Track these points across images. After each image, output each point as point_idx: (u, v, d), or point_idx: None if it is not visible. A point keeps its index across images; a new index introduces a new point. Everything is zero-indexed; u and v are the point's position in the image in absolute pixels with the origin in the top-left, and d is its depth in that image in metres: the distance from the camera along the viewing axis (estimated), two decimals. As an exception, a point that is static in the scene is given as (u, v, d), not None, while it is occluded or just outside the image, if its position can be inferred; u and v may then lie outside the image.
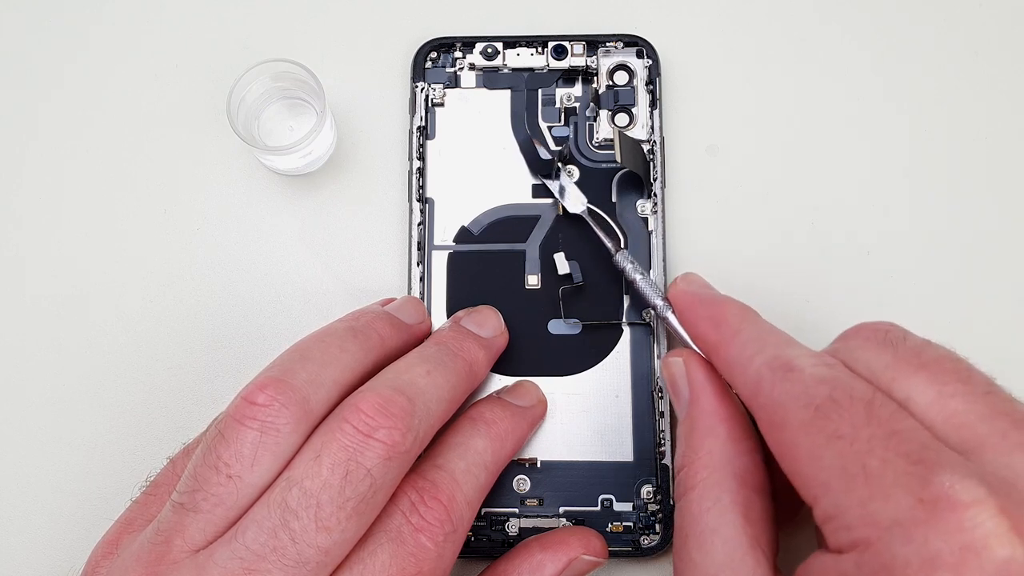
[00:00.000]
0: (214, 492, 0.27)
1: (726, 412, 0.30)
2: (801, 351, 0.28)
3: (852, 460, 0.24)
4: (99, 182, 0.39)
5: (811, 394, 0.26)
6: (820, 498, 0.25)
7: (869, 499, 0.23)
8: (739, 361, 0.29)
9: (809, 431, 0.25)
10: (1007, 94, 0.39)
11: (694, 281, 0.33)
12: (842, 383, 0.26)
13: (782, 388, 0.27)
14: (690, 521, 0.28)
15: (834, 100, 0.39)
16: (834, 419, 0.25)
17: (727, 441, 0.29)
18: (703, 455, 0.29)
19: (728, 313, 0.31)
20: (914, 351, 0.27)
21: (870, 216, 0.38)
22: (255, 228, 0.38)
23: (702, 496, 0.28)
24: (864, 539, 0.23)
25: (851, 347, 0.28)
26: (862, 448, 0.24)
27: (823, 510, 0.25)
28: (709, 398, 0.30)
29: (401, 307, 0.34)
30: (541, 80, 0.38)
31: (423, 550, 0.28)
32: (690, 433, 0.30)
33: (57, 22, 0.40)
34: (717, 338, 0.30)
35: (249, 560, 0.25)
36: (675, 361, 0.32)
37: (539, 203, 0.37)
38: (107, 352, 0.37)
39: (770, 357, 0.28)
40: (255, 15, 0.40)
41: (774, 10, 0.40)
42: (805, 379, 0.26)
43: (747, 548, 0.27)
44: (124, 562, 0.27)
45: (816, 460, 0.25)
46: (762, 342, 0.29)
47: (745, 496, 0.28)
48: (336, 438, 0.27)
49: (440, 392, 0.30)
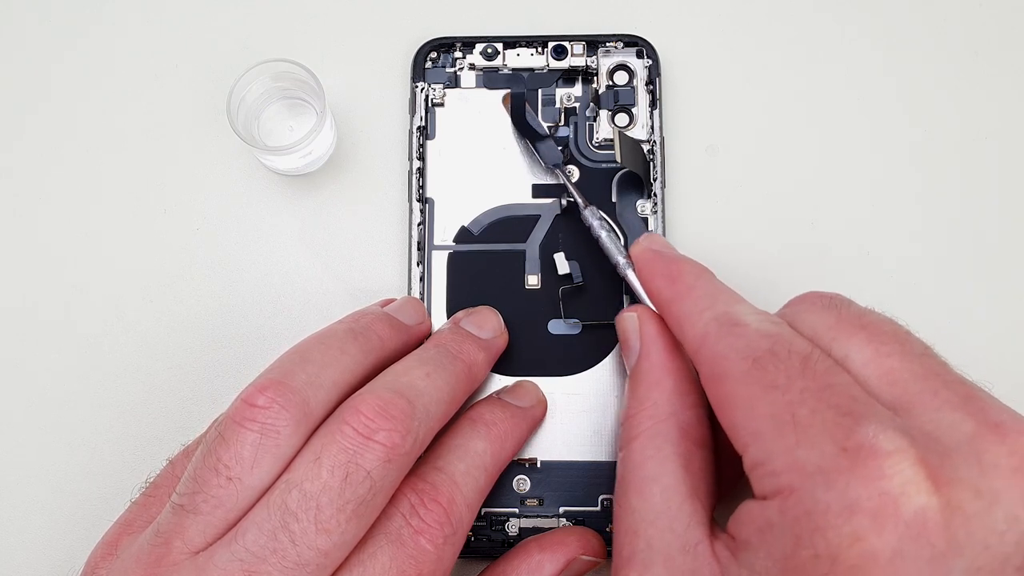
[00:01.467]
0: (214, 494, 0.27)
1: (673, 365, 0.30)
2: (749, 308, 0.29)
3: (783, 409, 0.25)
4: (99, 182, 0.39)
5: (752, 347, 0.26)
6: (750, 446, 0.25)
7: (795, 446, 0.24)
8: (689, 316, 0.29)
9: (746, 381, 0.26)
10: (1008, 94, 0.39)
11: (656, 240, 0.34)
12: (783, 338, 0.27)
13: (726, 342, 0.27)
14: (631, 469, 0.29)
15: (834, 100, 0.39)
16: (771, 370, 0.26)
17: (673, 393, 0.30)
18: (648, 406, 0.30)
19: (684, 271, 0.31)
20: (856, 315, 0.28)
21: (870, 216, 0.38)
22: (255, 228, 0.38)
23: (644, 445, 0.29)
24: (788, 485, 0.24)
25: (797, 311, 0.29)
26: (794, 398, 0.25)
27: (752, 457, 0.25)
28: (659, 351, 0.31)
29: (401, 308, 0.34)
30: (541, 80, 0.38)
31: (423, 552, 0.28)
32: (636, 385, 0.31)
33: (57, 22, 0.40)
34: (671, 294, 0.31)
35: (249, 562, 0.25)
36: (629, 316, 0.32)
37: (539, 203, 0.37)
38: (107, 352, 0.37)
39: (719, 313, 0.28)
40: (255, 15, 0.40)
41: (774, 10, 0.40)
42: (749, 333, 0.27)
43: (684, 497, 0.28)
44: (124, 563, 0.27)
45: (750, 409, 0.26)
46: (713, 299, 0.29)
47: (687, 448, 0.29)
48: (336, 440, 0.27)
49: (440, 394, 0.30)
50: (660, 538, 0.27)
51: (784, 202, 0.38)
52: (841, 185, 0.38)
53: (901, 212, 0.38)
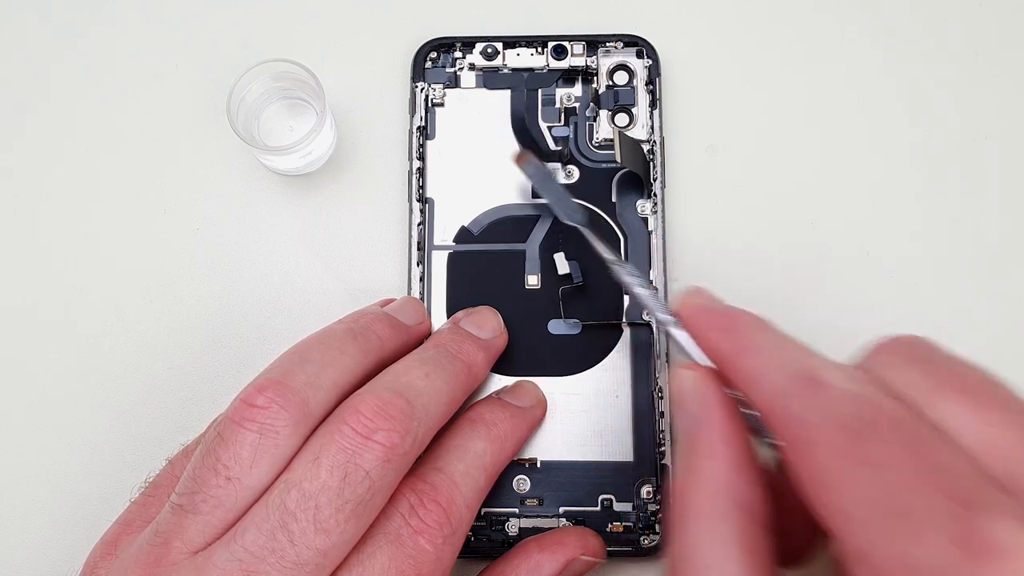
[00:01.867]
0: (213, 494, 0.27)
1: (733, 437, 0.27)
2: (826, 363, 0.26)
3: (888, 494, 0.22)
4: (99, 182, 0.39)
5: (842, 413, 0.24)
6: (847, 531, 0.23)
7: (906, 541, 0.21)
8: (757, 373, 0.26)
9: (839, 455, 0.23)
10: (1008, 94, 0.39)
11: (702, 294, 0.31)
12: (876, 404, 0.24)
13: (807, 404, 0.24)
14: (685, 554, 0.26)
15: (834, 100, 0.39)
16: (869, 445, 0.23)
17: (730, 467, 0.26)
18: (703, 479, 0.26)
19: (742, 323, 0.28)
20: (951, 373, 0.25)
21: (870, 216, 0.38)
22: (255, 228, 0.38)
23: (699, 527, 0.26)
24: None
25: (881, 363, 0.26)
26: (901, 481, 0.22)
27: (854, 546, 0.23)
28: (718, 420, 0.27)
29: (401, 308, 0.34)
30: (541, 80, 0.38)
31: (422, 552, 0.28)
32: (691, 454, 0.27)
33: (57, 22, 0.40)
34: (731, 348, 0.28)
35: (248, 562, 0.25)
36: (686, 375, 0.29)
37: (539, 203, 0.37)
38: (107, 352, 0.37)
39: (793, 370, 0.25)
40: (255, 15, 0.40)
41: (774, 10, 0.40)
42: (833, 396, 0.24)
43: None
44: (123, 563, 0.27)
45: (847, 489, 0.23)
46: (782, 353, 0.26)
47: (747, 528, 0.26)
48: (335, 440, 0.27)
49: (439, 394, 0.30)
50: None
51: (784, 202, 0.38)
52: (841, 185, 0.38)
53: (901, 212, 0.38)
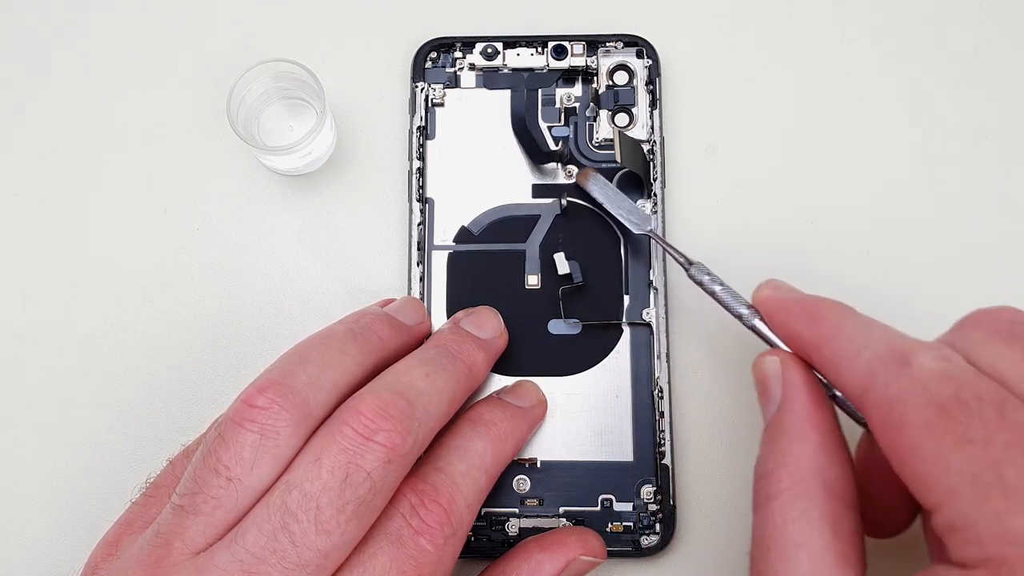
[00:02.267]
0: (214, 495, 0.27)
1: (820, 418, 0.28)
2: (915, 342, 0.26)
3: (985, 468, 0.22)
4: (99, 182, 0.39)
5: (934, 392, 0.24)
6: (945, 505, 0.23)
7: (1006, 513, 0.22)
8: (845, 356, 0.27)
9: (934, 432, 0.23)
10: (1008, 94, 0.39)
11: (780, 286, 0.31)
12: (968, 382, 0.24)
13: (899, 384, 0.25)
14: (772, 532, 0.26)
15: (834, 100, 0.39)
16: (963, 421, 0.23)
17: (818, 449, 0.27)
18: (791, 461, 0.27)
19: (825, 309, 0.29)
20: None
21: (870, 216, 0.38)
22: (255, 228, 0.38)
23: (787, 506, 0.26)
24: (999, 556, 0.22)
25: (972, 339, 0.26)
26: (997, 455, 0.22)
27: (948, 519, 0.23)
28: (803, 402, 0.28)
29: (401, 308, 0.34)
30: (541, 80, 0.38)
31: (423, 553, 0.28)
32: (777, 437, 0.28)
33: (57, 21, 0.40)
34: (816, 335, 0.28)
35: (249, 563, 0.25)
36: (771, 360, 0.29)
37: (539, 203, 0.37)
38: (107, 352, 0.37)
39: (881, 350, 0.26)
40: (255, 15, 0.40)
41: (774, 10, 0.40)
42: (925, 375, 0.24)
43: (834, 563, 0.25)
44: (124, 564, 0.27)
45: (941, 464, 0.23)
46: (868, 335, 0.27)
47: (835, 509, 0.26)
48: (336, 441, 0.27)
49: (439, 395, 0.30)
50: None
51: (784, 202, 0.38)
52: (841, 185, 0.38)
53: (901, 212, 0.38)
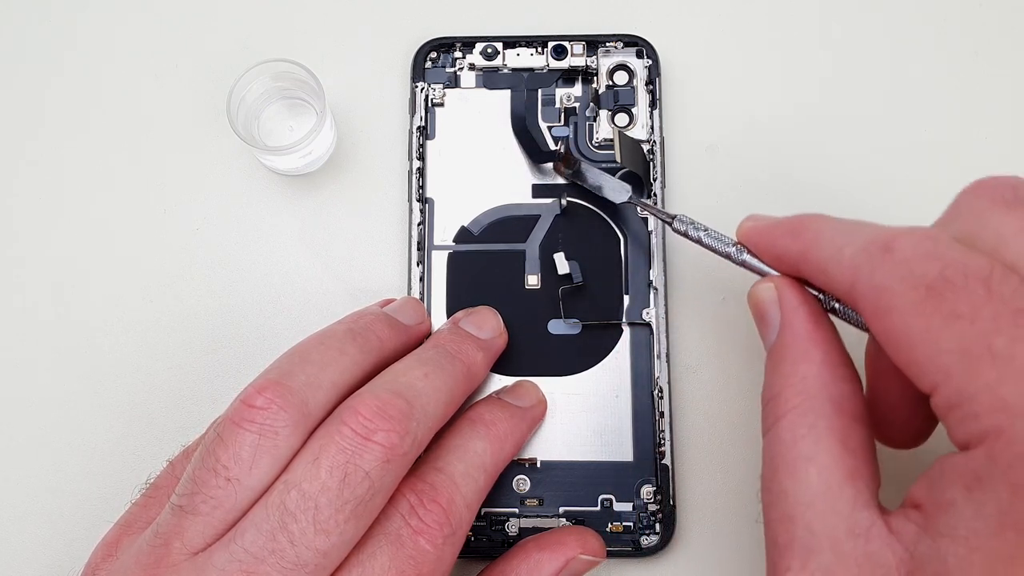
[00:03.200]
0: (213, 495, 0.27)
1: (821, 335, 0.27)
2: (897, 229, 0.25)
3: (975, 341, 0.22)
4: (99, 182, 0.39)
5: (918, 273, 0.24)
6: (941, 385, 0.23)
7: (998, 382, 0.22)
8: (830, 257, 0.27)
9: (922, 312, 0.23)
10: (1008, 94, 0.39)
11: (759, 217, 0.31)
12: (953, 259, 0.24)
13: (883, 271, 0.25)
14: (780, 450, 0.26)
15: (834, 100, 0.39)
16: (949, 298, 0.23)
17: (823, 366, 0.27)
18: (796, 381, 0.27)
19: (804, 219, 0.29)
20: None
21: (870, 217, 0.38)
22: (255, 228, 0.38)
23: (795, 423, 0.26)
24: (995, 427, 0.22)
25: (974, 208, 0.26)
26: (986, 327, 0.22)
27: (945, 398, 0.23)
28: (802, 321, 0.28)
29: (400, 308, 0.34)
30: (541, 80, 0.38)
31: (422, 553, 0.28)
32: (780, 360, 0.28)
33: (57, 22, 0.40)
34: (800, 245, 0.28)
35: (248, 563, 0.26)
36: (765, 287, 0.29)
37: (539, 203, 0.37)
38: (107, 352, 0.37)
39: (864, 242, 0.26)
40: (255, 15, 0.40)
41: (774, 10, 0.40)
42: (908, 257, 0.24)
43: (845, 476, 0.25)
44: (123, 564, 0.27)
45: (933, 343, 0.23)
46: (849, 232, 0.27)
47: (843, 423, 0.26)
48: (334, 441, 0.27)
49: (438, 395, 0.30)
50: (822, 522, 0.25)
51: (784, 202, 0.38)
52: (841, 185, 0.38)
53: (901, 213, 0.38)
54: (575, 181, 0.37)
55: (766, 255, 0.30)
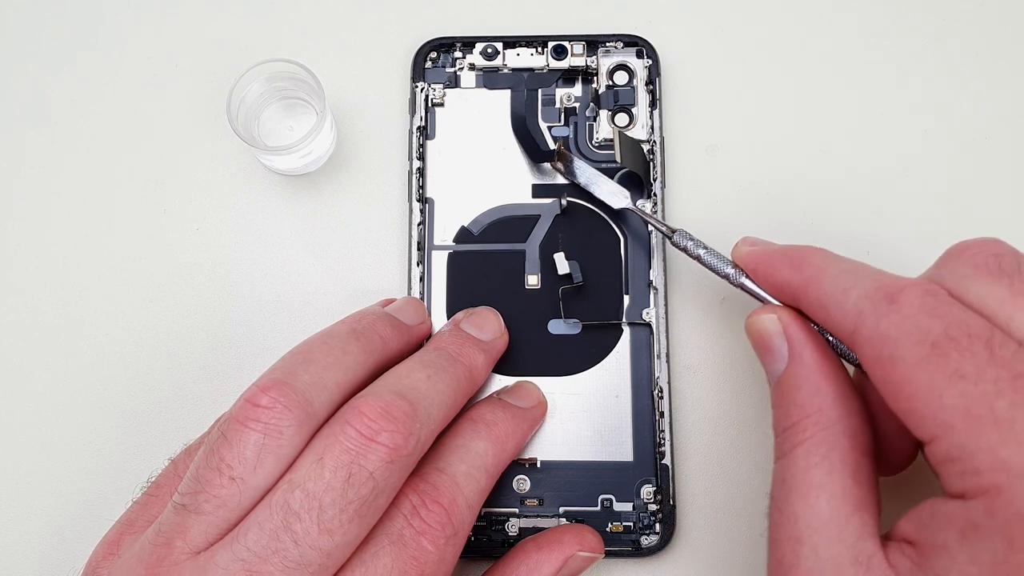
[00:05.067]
0: (216, 494, 0.27)
1: (831, 369, 0.28)
2: (901, 279, 0.26)
3: (977, 401, 0.23)
4: (99, 182, 0.39)
5: (923, 329, 0.25)
6: (940, 438, 0.24)
7: (1000, 444, 0.23)
8: (833, 297, 0.27)
9: (926, 368, 0.24)
10: (1009, 94, 0.39)
11: (756, 241, 0.32)
12: (957, 319, 0.25)
13: (888, 320, 0.25)
14: (795, 475, 0.27)
15: (834, 100, 0.39)
16: (954, 357, 0.24)
17: (837, 400, 0.28)
18: (812, 412, 0.28)
19: (807, 253, 0.29)
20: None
21: (869, 216, 0.38)
22: (255, 228, 0.38)
23: (810, 452, 0.27)
24: (995, 485, 0.23)
25: (958, 274, 0.27)
26: (988, 389, 0.23)
27: (944, 451, 0.24)
28: (812, 355, 0.29)
29: (402, 308, 0.34)
30: (541, 80, 0.38)
31: (424, 553, 0.28)
32: (794, 393, 0.28)
33: (57, 22, 0.40)
34: (802, 280, 0.29)
35: (251, 562, 0.26)
36: (768, 318, 0.30)
37: (539, 203, 0.37)
38: (107, 352, 0.37)
39: (869, 288, 0.26)
40: (255, 15, 0.40)
41: (774, 10, 0.40)
42: (914, 312, 0.25)
43: (853, 507, 0.26)
44: (125, 563, 0.27)
45: (935, 399, 0.24)
46: (855, 274, 0.27)
47: (855, 457, 0.27)
48: (339, 441, 0.27)
49: (441, 396, 0.30)
50: (828, 547, 0.26)
51: (784, 202, 0.38)
52: (841, 185, 0.38)
53: (901, 212, 0.38)
54: (569, 178, 0.37)
55: (765, 283, 0.31)
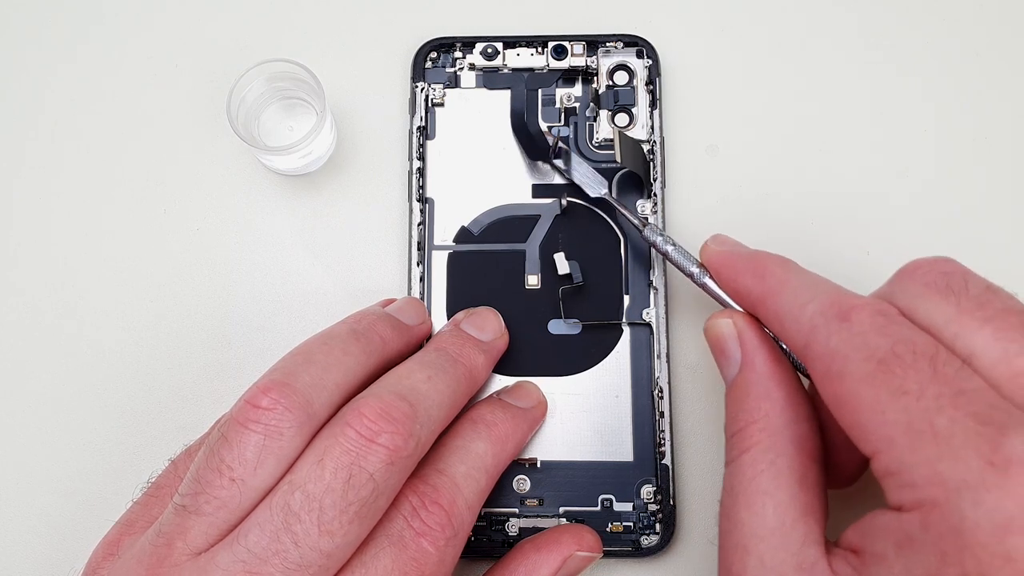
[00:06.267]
0: (217, 495, 0.27)
1: (782, 375, 0.29)
2: (856, 298, 0.27)
3: (919, 417, 0.24)
4: (99, 182, 0.39)
5: (872, 346, 0.25)
6: (882, 452, 0.24)
7: (937, 458, 0.23)
8: (790, 310, 0.28)
9: (871, 384, 0.25)
10: (1009, 94, 0.39)
11: (725, 241, 0.32)
12: (904, 336, 0.25)
13: (839, 337, 0.26)
14: (742, 481, 0.28)
15: (834, 100, 0.39)
16: (898, 374, 0.24)
17: (785, 406, 0.28)
18: (759, 418, 0.28)
19: (770, 264, 0.30)
20: (978, 303, 0.26)
21: (869, 216, 0.38)
22: (255, 228, 0.38)
23: (757, 458, 0.28)
24: (931, 499, 0.23)
25: (909, 292, 0.27)
26: (929, 405, 0.24)
27: (885, 465, 0.24)
28: (764, 360, 0.29)
29: (402, 308, 0.34)
30: (541, 80, 0.38)
31: (424, 554, 0.28)
32: (743, 396, 0.29)
33: (56, 22, 0.40)
34: (762, 290, 0.29)
35: (251, 563, 0.26)
36: (724, 322, 0.31)
37: (539, 203, 0.37)
38: (107, 352, 0.37)
39: (823, 304, 0.27)
40: (254, 15, 0.40)
41: (774, 10, 0.40)
42: (864, 329, 0.26)
43: (799, 514, 0.27)
44: (125, 564, 0.27)
45: (879, 414, 0.24)
46: (813, 289, 0.28)
47: (801, 463, 0.28)
48: (339, 442, 0.27)
49: (441, 398, 0.30)
50: (773, 556, 0.26)
51: (784, 202, 0.38)
52: (841, 185, 0.38)
53: (901, 212, 0.38)
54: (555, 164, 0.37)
55: (726, 287, 0.32)
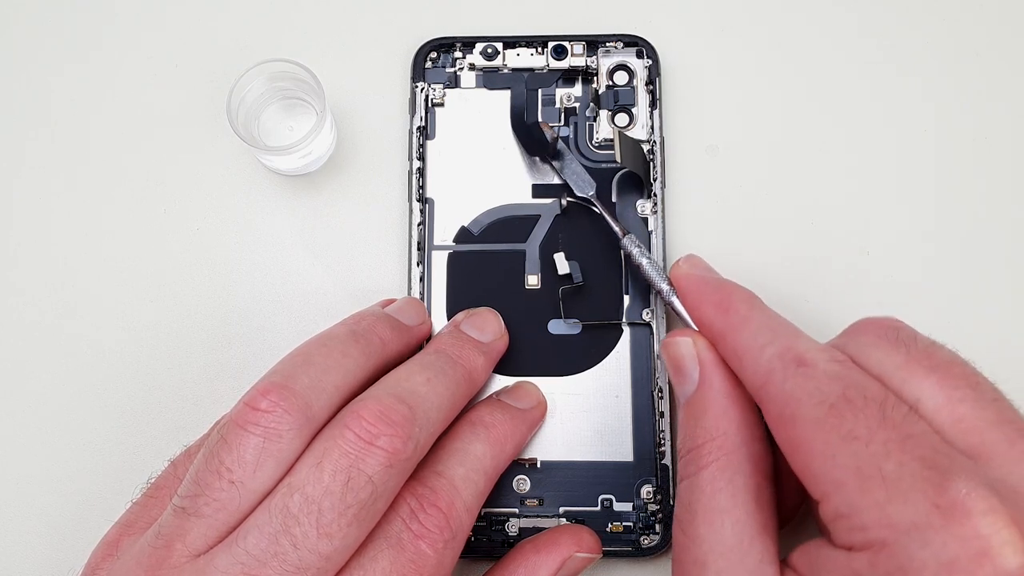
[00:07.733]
0: (216, 497, 0.27)
1: (738, 395, 0.30)
2: (812, 345, 0.28)
3: (867, 461, 0.24)
4: (99, 182, 0.39)
5: (824, 391, 0.26)
6: (831, 495, 0.25)
7: (886, 501, 0.24)
8: (749, 350, 0.29)
9: (822, 428, 0.26)
10: (1010, 94, 0.39)
11: (697, 264, 0.33)
12: (855, 382, 0.26)
13: (794, 382, 0.27)
14: (700, 498, 0.28)
15: (834, 100, 0.39)
16: (849, 419, 0.25)
17: (742, 425, 0.29)
18: (717, 436, 0.29)
19: (735, 299, 0.31)
20: (925, 353, 0.27)
21: (869, 216, 0.38)
22: (255, 228, 0.38)
23: (715, 476, 0.28)
24: (880, 540, 0.24)
25: (862, 343, 0.28)
26: (878, 450, 0.25)
27: (834, 507, 0.25)
28: (722, 380, 0.30)
29: (402, 309, 0.34)
30: (541, 80, 0.38)
31: (423, 557, 0.28)
32: (701, 415, 0.30)
33: (57, 22, 0.40)
34: (724, 324, 0.30)
35: (250, 565, 0.26)
36: (683, 341, 0.31)
37: (539, 203, 0.37)
38: (106, 352, 0.37)
39: (782, 348, 0.28)
40: (254, 15, 0.40)
41: (774, 11, 0.40)
42: (818, 375, 0.27)
43: (756, 532, 0.27)
44: (124, 565, 0.27)
45: (829, 458, 0.25)
46: (773, 332, 0.29)
47: (757, 482, 0.28)
48: (338, 445, 0.27)
49: (440, 400, 0.30)
50: (731, 572, 0.27)
51: (784, 202, 0.38)
52: (841, 184, 0.38)
53: (901, 212, 0.38)
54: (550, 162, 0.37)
55: (690, 312, 0.32)
